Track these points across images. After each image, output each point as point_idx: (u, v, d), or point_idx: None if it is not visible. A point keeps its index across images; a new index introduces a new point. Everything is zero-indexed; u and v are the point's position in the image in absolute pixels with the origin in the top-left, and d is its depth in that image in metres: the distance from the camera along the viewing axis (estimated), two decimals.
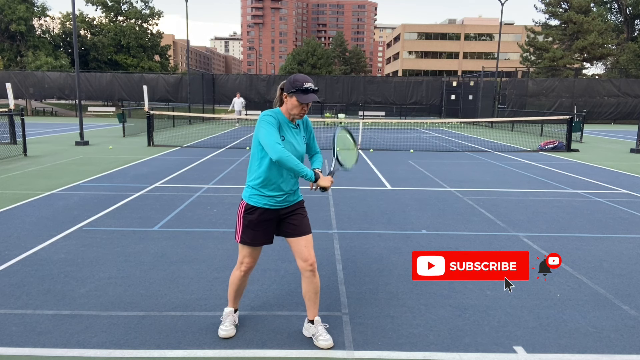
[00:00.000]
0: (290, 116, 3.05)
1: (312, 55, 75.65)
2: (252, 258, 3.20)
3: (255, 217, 3.06)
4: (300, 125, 3.16)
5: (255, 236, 3.10)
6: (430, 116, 38.70)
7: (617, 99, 35.73)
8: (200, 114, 28.56)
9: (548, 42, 46.64)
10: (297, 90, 2.91)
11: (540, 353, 3.10)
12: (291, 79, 2.97)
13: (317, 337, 3.15)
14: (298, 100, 2.92)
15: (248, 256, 3.18)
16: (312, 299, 3.18)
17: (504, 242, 5.54)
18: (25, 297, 3.85)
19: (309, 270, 3.09)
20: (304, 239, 3.12)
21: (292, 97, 2.94)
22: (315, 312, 3.22)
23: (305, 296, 3.20)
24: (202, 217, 6.47)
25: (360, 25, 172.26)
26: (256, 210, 3.06)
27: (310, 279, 3.12)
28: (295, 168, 2.85)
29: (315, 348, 3.12)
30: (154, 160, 12.25)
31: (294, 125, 3.09)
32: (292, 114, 3.02)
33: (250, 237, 3.10)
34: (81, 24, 49.09)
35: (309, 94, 2.92)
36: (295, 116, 3.03)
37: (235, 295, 3.35)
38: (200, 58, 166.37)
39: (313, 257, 3.12)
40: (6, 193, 7.83)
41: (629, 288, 4.20)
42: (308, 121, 3.25)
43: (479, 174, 10.67)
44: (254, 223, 3.07)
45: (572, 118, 16.40)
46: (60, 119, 33.35)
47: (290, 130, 3.05)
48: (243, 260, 3.20)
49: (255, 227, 3.08)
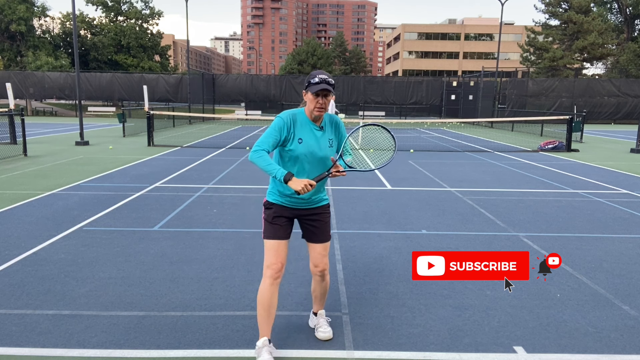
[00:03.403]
0: (312, 114, 2.94)
1: (312, 55, 75.64)
2: (276, 258, 3.01)
3: (272, 211, 3.06)
4: (328, 127, 3.03)
5: (275, 230, 3.03)
6: (430, 116, 38.72)
7: (617, 99, 35.74)
8: (200, 114, 28.55)
9: (548, 42, 46.63)
10: (309, 84, 2.88)
11: (540, 353, 3.10)
12: (308, 76, 2.95)
13: (317, 328, 3.28)
14: (311, 93, 2.86)
15: (273, 256, 3.02)
16: (318, 297, 3.31)
17: (504, 242, 5.54)
18: (25, 297, 3.85)
19: (319, 275, 3.18)
20: (321, 246, 3.13)
21: (307, 93, 2.90)
22: (320, 307, 3.35)
23: (313, 293, 3.33)
24: (202, 217, 6.47)
25: (360, 25, 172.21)
26: (273, 206, 3.07)
27: (319, 281, 3.22)
28: (265, 168, 2.79)
29: (315, 348, 3.12)
30: (154, 160, 12.25)
31: (318, 127, 2.97)
32: (311, 110, 2.92)
33: (271, 232, 3.04)
34: (81, 24, 49.07)
35: (319, 84, 2.84)
36: (314, 112, 2.91)
37: (266, 317, 2.98)
38: (200, 58, 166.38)
39: (325, 264, 3.15)
40: (6, 193, 7.83)
41: (629, 288, 4.20)
42: (339, 123, 3.11)
43: (479, 174, 10.67)
44: (271, 217, 3.05)
45: (572, 118, 16.39)
46: (60, 119, 33.37)
47: (312, 131, 2.94)
48: (269, 263, 3.02)
49: (273, 220, 3.05)
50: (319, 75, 2.85)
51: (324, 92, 2.83)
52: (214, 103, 37.92)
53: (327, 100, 2.88)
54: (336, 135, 3.06)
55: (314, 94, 2.84)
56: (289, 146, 2.90)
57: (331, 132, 3.03)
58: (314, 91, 2.83)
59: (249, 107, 38.17)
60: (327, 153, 2.97)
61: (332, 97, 2.98)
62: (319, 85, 2.82)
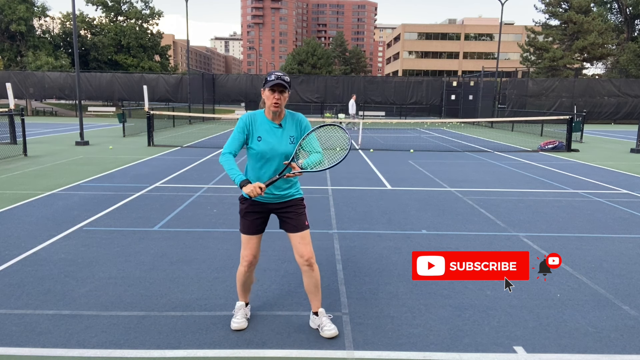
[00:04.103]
0: (269, 111, 3.12)
1: (312, 55, 75.58)
2: (249, 250, 3.28)
3: (245, 206, 3.24)
4: (289, 124, 3.15)
5: (247, 226, 3.25)
6: (430, 116, 38.72)
7: (617, 99, 35.73)
8: (200, 114, 28.55)
9: (548, 42, 46.61)
10: (266, 81, 3.07)
11: (540, 353, 3.10)
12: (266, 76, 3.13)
13: (322, 328, 3.27)
14: (268, 88, 3.04)
15: (246, 248, 3.29)
16: (313, 292, 3.31)
17: (504, 242, 5.54)
18: (25, 297, 3.85)
19: (306, 265, 3.22)
20: (299, 235, 3.21)
21: (265, 90, 3.07)
22: (318, 304, 3.34)
23: (306, 290, 3.34)
24: (202, 217, 6.47)
25: (360, 25, 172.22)
26: (246, 201, 3.22)
27: (308, 273, 3.24)
28: (228, 173, 3.04)
29: (315, 348, 3.12)
30: (154, 160, 12.25)
31: (277, 125, 3.13)
32: (268, 106, 3.10)
33: (244, 226, 3.27)
34: (81, 24, 49.07)
35: (273, 81, 3.01)
36: (271, 108, 3.08)
37: (242, 290, 3.46)
38: (200, 58, 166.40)
39: (309, 252, 3.20)
40: (6, 193, 7.83)
41: (629, 288, 4.20)
42: (302, 120, 3.20)
43: (479, 174, 10.67)
44: (243, 212, 3.25)
45: (572, 118, 16.39)
46: (60, 119, 33.37)
47: (271, 129, 3.12)
48: (243, 255, 3.31)
49: (245, 216, 3.25)
50: (274, 73, 3.07)
51: (279, 88, 3.01)
52: (214, 103, 37.92)
53: (284, 97, 3.06)
54: (299, 133, 3.19)
55: (270, 89, 3.03)
56: (250, 144, 3.13)
57: (293, 129, 3.18)
58: (269, 86, 3.02)
59: (249, 107, 38.15)
60: (289, 150, 3.11)
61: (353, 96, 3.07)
62: (274, 81, 3.01)
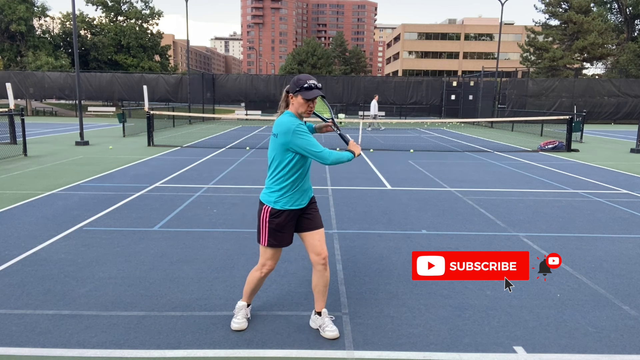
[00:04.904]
0: (301, 118, 3.14)
1: (312, 55, 75.57)
2: (275, 260, 3.30)
3: (282, 219, 3.14)
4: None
5: (283, 238, 3.19)
6: (430, 116, 38.71)
7: (617, 99, 35.72)
8: (200, 114, 28.55)
9: (548, 42, 46.60)
10: (301, 88, 2.99)
11: (540, 353, 3.10)
12: (295, 80, 3.05)
13: (323, 328, 3.26)
14: (303, 98, 2.99)
15: (271, 258, 3.27)
16: (321, 292, 3.29)
17: (504, 242, 5.54)
18: (25, 297, 3.85)
19: (322, 264, 3.20)
20: (318, 233, 3.23)
21: (298, 96, 3.01)
22: (322, 304, 3.33)
23: (314, 289, 3.30)
24: (202, 217, 6.47)
25: (360, 25, 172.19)
26: (283, 213, 3.13)
27: (321, 272, 3.23)
28: (340, 158, 3.04)
29: (315, 348, 3.12)
30: (154, 160, 12.25)
31: None
32: (300, 113, 3.08)
33: (279, 240, 3.18)
34: (81, 24, 49.06)
35: (312, 90, 2.99)
36: (303, 114, 3.09)
37: (251, 293, 3.44)
38: (200, 58, 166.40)
39: (326, 251, 3.24)
40: (6, 193, 7.83)
41: (629, 288, 4.20)
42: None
43: (479, 174, 10.67)
44: (281, 225, 3.14)
45: (572, 118, 16.39)
46: (60, 119, 33.36)
47: None
48: (266, 263, 3.27)
49: (283, 229, 3.16)
50: (309, 81, 2.99)
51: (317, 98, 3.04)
52: (214, 103, 37.91)
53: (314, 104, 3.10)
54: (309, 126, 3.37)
55: (307, 99, 2.99)
56: None
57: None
58: (309, 97, 2.97)
59: (249, 107, 38.17)
60: None
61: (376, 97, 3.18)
62: (312, 92, 2.97)
